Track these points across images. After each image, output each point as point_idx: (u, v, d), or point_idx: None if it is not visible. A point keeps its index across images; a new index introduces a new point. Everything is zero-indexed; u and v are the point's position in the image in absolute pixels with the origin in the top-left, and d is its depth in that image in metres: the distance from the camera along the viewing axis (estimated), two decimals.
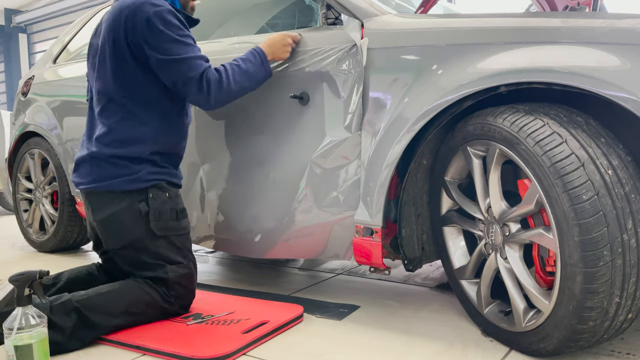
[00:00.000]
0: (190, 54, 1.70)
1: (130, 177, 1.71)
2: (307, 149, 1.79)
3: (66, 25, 6.55)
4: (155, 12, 1.67)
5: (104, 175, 1.73)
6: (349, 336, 1.61)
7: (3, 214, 5.46)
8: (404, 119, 1.56)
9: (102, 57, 1.75)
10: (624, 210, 1.20)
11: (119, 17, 1.70)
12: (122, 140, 1.73)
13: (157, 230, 1.72)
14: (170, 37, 1.68)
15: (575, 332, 1.27)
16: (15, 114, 3.30)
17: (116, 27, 1.70)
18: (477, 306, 1.57)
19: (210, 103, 1.75)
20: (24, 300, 1.34)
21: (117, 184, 1.71)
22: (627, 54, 1.21)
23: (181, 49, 1.69)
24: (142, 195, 1.72)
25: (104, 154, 1.73)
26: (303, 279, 2.32)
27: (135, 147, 1.73)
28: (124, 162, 1.72)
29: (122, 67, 1.72)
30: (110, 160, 1.72)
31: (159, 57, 1.68)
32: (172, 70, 1.70)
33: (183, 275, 1.75)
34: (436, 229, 1.71)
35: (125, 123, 1.73)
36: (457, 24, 1.54)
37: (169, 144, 1.81)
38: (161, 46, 1.67)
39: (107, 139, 1.74)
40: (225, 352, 1.46)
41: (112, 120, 1.74)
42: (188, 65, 1.69)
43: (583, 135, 1.26)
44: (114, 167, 1.72)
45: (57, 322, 1.51)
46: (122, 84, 1.73)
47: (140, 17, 1.67)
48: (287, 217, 1.86)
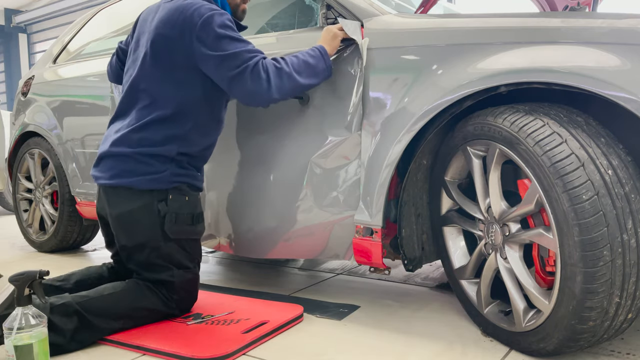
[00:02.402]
0: (243, 48, 1.67)
1: (154, 175, 1.69)
2: (307, 149, 1.79)
3: (66, 25, 6.55)
4: (213, 15, 1.66)
5: (127, 170, 1.70)
6: (349, 336, 1.61)
7: (3, 214, 5.46)
8: (404, 118, 1.56)
9: (151, 54, 1.73)
10: (624, 210, 1.20)
11: (175, 17, 1.69)
12: (154, 139, 1.70)
13: (171, 233, 1.69)
14: (225, 36, 1.66)
15: (575, 332, 1.27)
16: (15, 114, 3.30)
17: (171, 27, 1.69)
18: (477, 306, 1.57)
19: (271, 92, 1.65)
20: (24, 300, 1.34)
21: (139, 182, 1.69)
22: (627, 54, 1.21)
23: (235, 45, 1.66)
24: (162, 195, 1.70)
25: (131, 149, 1.70)
26: (303, 279, 2.32)
27: (164, 147, 1.70)
28: (150, 159, 1.69)
29: (170, 68, 1.71)
30: (137, 157, 1.69)
31: (213, 54, 1.65)
32: (227, 65, 1.65)
33: (189, 280, 1.75)
34: (436, 229, 1.71)
35: (160, 122, 1.71)
36: (457, 24, 1.54)
37: (198, 147, 1.78)
38: (216, 45, 1.65)
39: (137, 136, 1.71)
40: (225, 352, 1.46)
41: (148, 118, 1.71)
42: (242, 57, 1.65)
43: (583, 135, 1.26)
44: (138, 164, 1.69)
45: (57, 323, 1.51)
46: (168, 84, 1.71)
47: (197, 18, 1.65)
48: (287, 217, 1.86)
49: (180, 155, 1.73)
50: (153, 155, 1.70)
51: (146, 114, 1.72)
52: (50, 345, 1.39)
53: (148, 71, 1.74)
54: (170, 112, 1.71)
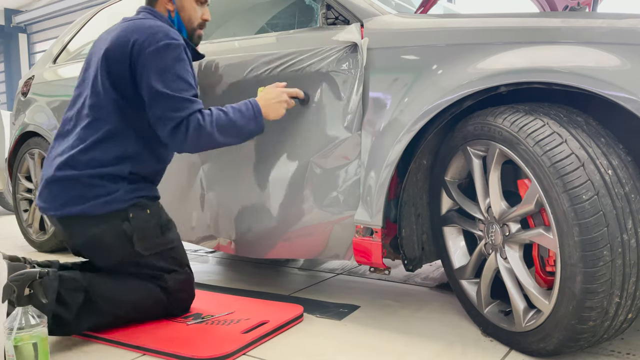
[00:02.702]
0: (182, 95, 1.62)
1: (106, 198, 1.62)
2: (307, 149, 1.79)
3: (66, 25, 6.54)
4: (168, 45, 1.64)
5: (77, 197, 1.62)
6: (349, 336, 1.61)
7: (3, 214, 5.46)
8: (404, 119, 1.56)
9: (101, 73, 1.68)
10: (624, 210, 1.19)
11: (127, 38, 1.65)
12: (104, 159, 1.64)
13: (144, 250, 1.66)
14: (172, 71, 1.63)
15: (575, 332, 1.27)
16: (15, 114, 3.30)
17: (122, 47, 1.65)
18: (477, 306, 1.57)
19: (184, 148, 1.67)
20: (24, 300, 1.34)
21: (93, 207, 1.61)
22: (627, 54, 1.21)
23: (177, 85, 1.63)
24: (123, 216, 1.64)
25: (79, 172, 1.62)
26: (303, 279, 2.32)
27: (115, 166, 1.65)
28: (100, 181, 1.63)
29: (120, 88, 1.66)
30: (85, 180, 1.62)
31: (152, 86, 1.61)
32: (159, 103, 1.62)
33: (182, 280, 1.74)
34: (436, 229, 1.71)
35: (109, 141, 1.65)
36: (457, 24, 1.54)
37: (150, 168, 1.75)
38: (159, 77, 1.61)
39: (85, 157, 1.63)
40: (225, 352, 1.46)
41: (95, 137, 1.65)
42: (175, 105, 1.62)
43: (583, 135, 1.26)
44: (88, 188, 1.62)
45: (64, 296, 1.52)
46: (116, 104, 1.66)
47: (150, 44, 1.63)
48: (287, 217, 1.86)
49: (132, 174, 1.69)
50: (103, 175, 1.63)
51: (93, 132, 1.66)
52: (56, 319, 1.39)
53: (97, 90, 1.68)
54: (120, 130, 1.67)
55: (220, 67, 2.02)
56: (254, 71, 1.90)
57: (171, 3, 1.81)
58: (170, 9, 1.82)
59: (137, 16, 1.79)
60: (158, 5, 1.82)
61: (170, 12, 1.82)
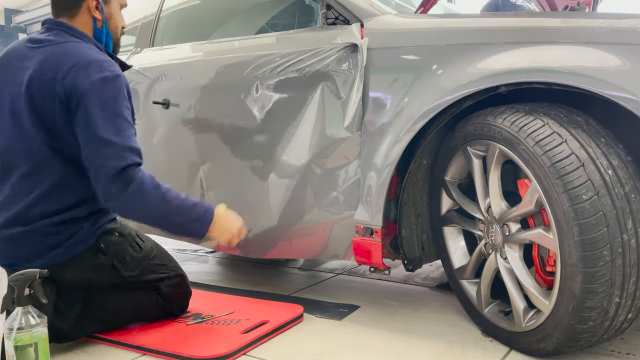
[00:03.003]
0: (125, 143, 1.44)
1: (69, 241, 1.49)
2: (307, 149, 1.79)
3: None
4: (104, 78, 1.45)
5: (36, 251, 1.47)
6: (349, 336, 1.61)
7: None
8: (404, 119, 1.56)
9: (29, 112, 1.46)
10: (624, 210, 1.19)
11: (57, 68, 1.45)
12: (58, 208, 1.48)
13: (130, 271, 1.59)
14: (110, 109, 1.44)
15: (575, 332, 1.27)
16: None
17: (49, 78, 1.44)
18: (477, 306, 1.57)
19: (116, 204, 1.47)
20: (24, 300, 1.34)
21: (60, 255, 1.48)
22: (627, 54, 1.21)
23: (117, 130, 1.44)
24: (94, 250, 1.53)
25: (31, 227, 1.47)
26: (303, 279, 2.32)
27: (73, 210, 1.50)
28: (59, 227, 1.48)
29: (57, 126, 1.47)
30: (44, 230, 1.47)
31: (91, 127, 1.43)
32: (96, 150, 1.43)
33: (176, 284, 1.73)
34: (436, 229, 1.71)
35: (59, 192, 1.49)
36: (457, 24, 1.54)
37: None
38: (97, 117, 1.42)
39: (35, 211, 1.47)
40: (225, 352, 1.46)
41: (41, 190, 1.47)
42: (116, 151, 1.42)
43: (583, 135, 1.26)
44: (46, 237, 1.47)
45: (61, 307, 1.52)
46: (52, 148, 1.48)
47: (84, 77, 1.43)
48: (287, 217, 1.86)
49: (92, 213, 1.55)
50: (62, 222, 1.49)
51: (35, 185, 1.48)
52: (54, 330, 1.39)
53: (25, 131, 1.47)
54: (67, 178, 1.50)
55: (220, 67, 2.02)
56: (254, 71, 1.90)
57: (99, 11, 1.59)
58: (98, 18, 1.59)
59: (56, 38, 1.53)
60: (80, 16, 1.58)
61: (97, 21, 1.60)
